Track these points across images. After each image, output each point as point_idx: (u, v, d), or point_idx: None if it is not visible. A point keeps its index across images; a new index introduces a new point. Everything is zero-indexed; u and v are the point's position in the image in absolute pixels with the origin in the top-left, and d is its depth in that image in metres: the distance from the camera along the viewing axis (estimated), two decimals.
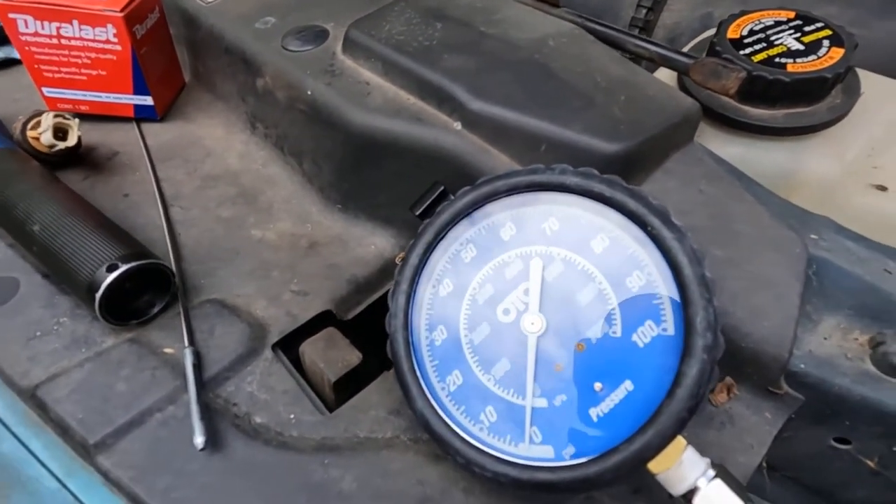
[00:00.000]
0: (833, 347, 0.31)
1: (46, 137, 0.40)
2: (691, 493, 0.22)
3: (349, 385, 0.31)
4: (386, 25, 0.38)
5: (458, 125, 0.33)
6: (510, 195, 0.27)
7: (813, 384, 0.30)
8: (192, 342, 0.31)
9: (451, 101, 0.33)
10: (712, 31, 0.48)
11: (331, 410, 0.30)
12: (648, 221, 0.24)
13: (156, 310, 0.33)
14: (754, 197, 0.35)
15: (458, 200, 0.28)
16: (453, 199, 0.28)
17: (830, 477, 0.34)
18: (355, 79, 0.37)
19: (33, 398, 0.29)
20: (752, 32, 0.40)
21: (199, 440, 0.26)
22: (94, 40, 0.43)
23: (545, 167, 0.26)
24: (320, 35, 0.41)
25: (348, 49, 0.39)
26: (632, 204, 0.24)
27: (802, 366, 0.30)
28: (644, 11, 0.57)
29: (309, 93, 0.38)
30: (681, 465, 0.22)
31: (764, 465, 0.30)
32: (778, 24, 0.40)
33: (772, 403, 0.31)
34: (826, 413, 0.31)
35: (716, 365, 0.22)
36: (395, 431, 0.29)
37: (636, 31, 0.58)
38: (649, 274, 0.24)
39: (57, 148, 0.40)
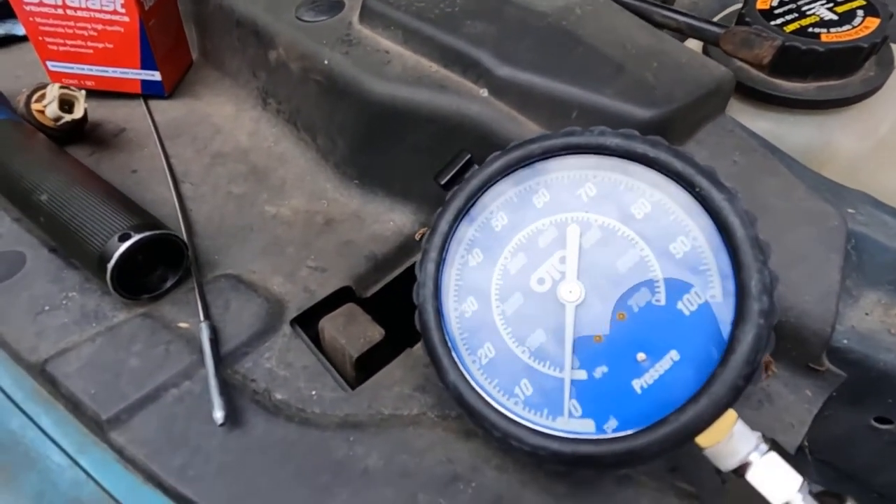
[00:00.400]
0: (875, 323, 0.30)
1: (52, 109, 0.38)
2: (743, 467, 0.21)
3: (371, 362, 0.30)
4: None
5: (484, 92, 0.32)
6: (545, 159, 0.26)
7: (856, 360, 0.29)
8: (207, 316, 0.30)
9: (477, 67, 0.32)
10: (736, 6, 0.47)
11: (352, 387, 0.29)
12: (696, 182, 0.23)
13: (168, 284, 0.32)
14: (789, 170, 0.34)
15: (488, 165, 0.26)
16: (484, 164, 0.27)
17: (865, 459, 0.33)
18: (374, 47, 0.36)
19: (42, 373, 0.28)
20: (782, 3, 0.38)
21: (219, 415, 0.25)
22: (100, 10, 0.41)
23: (582, 129, 0.25)
24: (336, 5, 0.40)
25: (366, 18, 0.37)
26: (678, 164, 0.23)
27: (845, 341, 0.29)
28: None
29: (325, 62, 0.36)
30: (732, 438, 0.21)
31: (805, 443, 0.29)
32: None
33: (812, 381, 0.30)
34: (867, 391, 0.29)
35: (772, 331, 0.21)
36: (421, 408, 0.28)
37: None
38: (695, 239, 0.23)
39: (63, 121, 0.39)
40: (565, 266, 0.25)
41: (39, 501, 0.24)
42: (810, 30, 0.36)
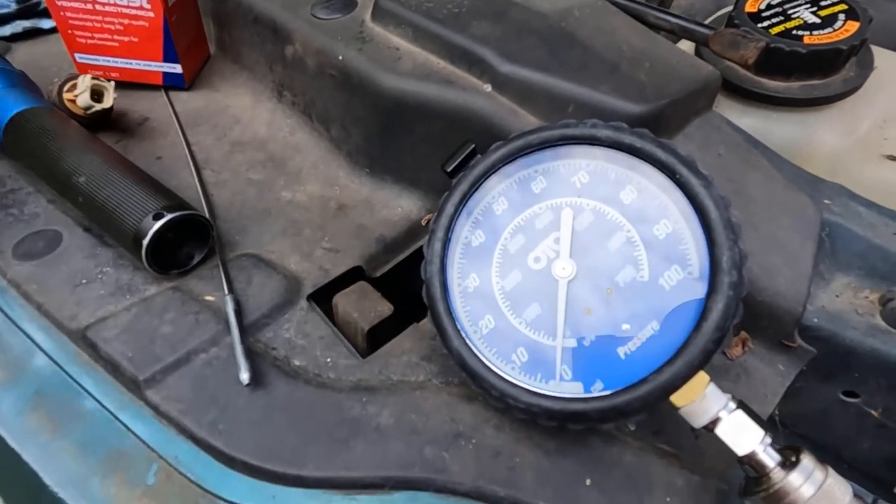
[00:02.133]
0: (844, 304, 0.32)
1: (83, 99, 0.41)
2: (713, 423, 0.24)
3: (381, 334, 0.32)
4: None
5: (488, 87, 0.34)
6: (542, 149, 0.28)
7: (825, 337, 0.31)
8: (231, 290, 0.33)
9: (482, 64, 0.34)
10: (728, 9, 0.49)
11: (364, 357, 0.32)
12: (677, 170, 0.25)
13: (195, 260, 0.34)
14: (770, 163, 0.36)
15: (491, 154, 0.29)
16: (487, 153, 0.29)
17: (837, 431, 0.36)
18: (385, 45, 0.39)
19: (83, 339, 0.30)
20: (769, 6, 0.41)
21: (245, 376, 0.28)
22: (127, 6, 0.44)
23: (576, 122, 0.28)
24: (349, 4, 0.42)
25: (378, 16, 0.40)
26: (661, 154, 0.26)
27: (815, 320, 0.31)
28: None
29: (340, 58, 0.39)
30: (704, 398, 0.24)
31: (776, 413, 0.31)
32: None
33: (785, 357, 0.32)
34: (836, 366, 0.32)
35: (740, 303, 0.23)
36: (426, 376, 0.30)
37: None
38: (676, 221, 0.26)
39: (93, 109, 0.41)
40: (559, 246, 0.27)
41: (85, 450, 0.27)
42: (794, 32, 0.39)
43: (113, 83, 0.43)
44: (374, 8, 0.40)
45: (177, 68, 0.48)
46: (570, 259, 0.27)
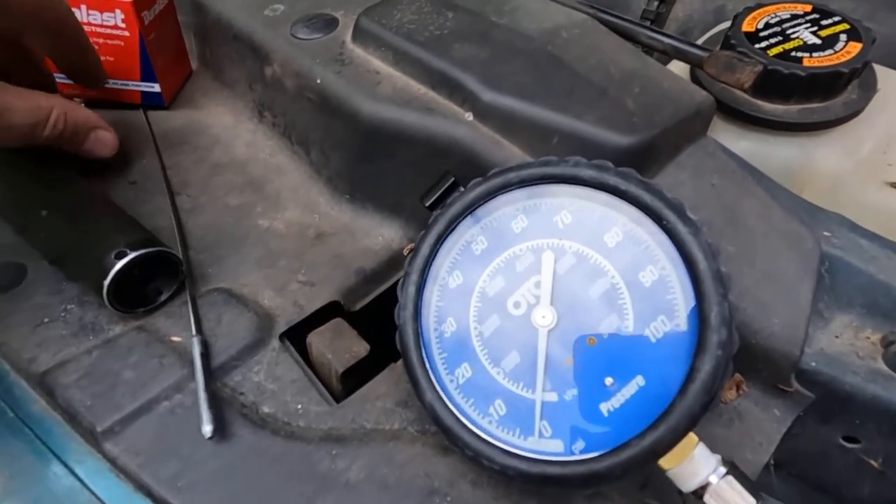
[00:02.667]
0: (844, 346, 0.31)
1: None
2: (702, 488, 0.22)
3: (357, 376, 0.31)
4: (397, 14, 0.37)
5: (469, 116, 0.33)
6: (522, 187, 0.27)
7: (824, 382, 0.30)
8: (199, 331, 0.31)
9: (463, 91, 0.33)
10: (726, 25, 0.48)
11: (338, 401, 0.30)
12: (664, 215, 0.24)
13: (163, 297, 0.33)
14: (767, 192, 0.34)
15: (469, 192, 0.27)
16: (464, 191, 0.28)
17: (836, 475, 0.34)
18: (365, 68, 0.37)
19: (41, 384, 0.29)
20: (767, 26, 0.39)
21: (208, 428, 0.26)
22: (101, 25, 0.42)
23: (558, 159, 0.26)
24: (330, 23, 0.41)
25: (358, 38, 0.38)
26: (647, 197, 0.24)
27: (814, 364, 0.30)
28: (656, 4, 0.56)
29: (318, 81, 0.37)
30: (692, 460, 0.22)
31: (771, 462, 0.30)
32: (794, 17, 0.39)
33: (781, 401, 0.31)
34: (835, 411, 0.30)
35: (730, 361, 0.22)
36: (402, 423, 0.29)
37: (648, 24, 0.57)
38: (663, 269, 0.24)
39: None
40: (540, 291, 0.26)
41: None
42: (793, 54, 0.37)
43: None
44: (355, 29, 0.38)
45: (155, 87, 0.46)
46: (551, 307, 0.25)
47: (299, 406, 0.29)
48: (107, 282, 0.29)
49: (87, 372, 0.29)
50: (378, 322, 0.34)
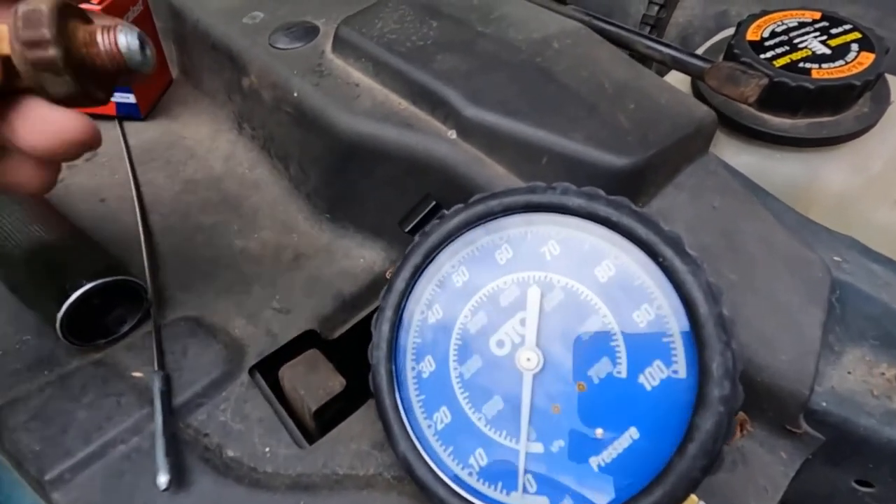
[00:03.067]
0: (857, 383, 0.28)
1: None
2: None
3: (331, 413, 0.29)
4: (378, 23, 0.35)
5: (452, 133, 0.30)
6: (506, 216, 0.24)
7: (835, 424, 0.27)
8: (161, 366, 0.29)
9: (445, 106, 0.31)
10: (729, 32, 0.45)
11: (310, 440, 0.28)
12: (660, 251, 0.21)
13: (126, 327, 0.31)
14: (772, 213, 0.32)
15: (448, 220, 0.25)
16: (443, 219, 0.25)
17: None
18: (344, 80, 0.35)
19: None
20: (773, 34, 0.37)
21: (163, 480, 0.24)
22: None
23: (545, 186, 0.24)
24: (310, 32, 0.39)
25: (338, 48, 0.36)
26: (641, 231, 0.22)
27: (824, 404, 0.27)
28: (656, 9, 0.54)
29: (295, 94, 0.35)
30: None
31: None
32: (802, 25, 0.37)
33: (789, 442, 0.28)
34: (848, 454, 0.28)
35: (733, 418, 0.20)
36: (377, 468, 0.27)
37: (647, 29, 0.55)
38: (659, 308, 0.22)
39: None
40: (525, 329, 0.24)
41: None
42: (801, 65, 0.35)
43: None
44: (334, 38, 0.36)
45: (130, 98, 0.44)
46: (537, 348, 0.23)
47: (267, 449, 0.27)
48: (60, 314, 0.27)
49: (37, 412, 0.27)
50: (357, 351, 0.32)
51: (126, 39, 0.21)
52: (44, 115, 0.20)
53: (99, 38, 0.21)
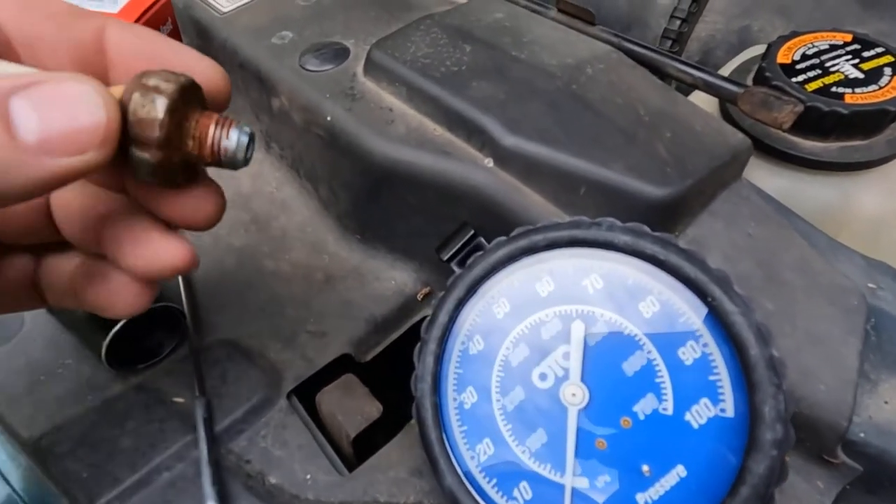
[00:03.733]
0: (894, 413, 0.28)
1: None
2: None
3: (369, 440, 0.29)
4: (411, 46, 0.35)
5: (489, 162, 0.31)
6: (549, 250, 0.25)
7: (873, 455, 0.27)
8: (203, 391, 0.29)
9: (482, 134, 0.31)
10: (755, 50, 0.45)
11: (349, 465, 0.29)
12: (709, 291, 0.21)
13: (165, 352, 0.31)
14: (806, 240, 0.32)
15: (491, 253, 0.25)
16: (486, 251, 0.26)
17: None
18: (377, 104, 0.35)
19: (36, 453, 0.27)
20: (804, 57, 0.37)
21: None
22: None
23: (589, 221, 0.24)
24: (340, 53, 0.39)
25: (370, 71, 0.36)
26: (689, 270, 0.22)
27: (862, 435, 0.27)
28: (678, 23, 0.54)
29: (328, 118, 0.35)
30: None
31: None
32: (833, 48, 0.37)
33: (825, 471, 0.28)
34: (884, 484, 0.28)
35: (785, 463, 0.20)
36: (417, 496, 0.27)
37: (668, 43, 0.55)
38: (705, 345, 0.22)
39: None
40: (569, 363, 0.24)
41: None
42: (833, 89, 0.34)
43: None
44: (367, 62, 0.36)
45: None
46: (581, 383, 0.23)
47: (308, 476, 0.28)
48: (105, 343, 0.28)
49: (82, 439, 0.27)
50: (390, 373, 0.32)
51: (237, 139, 0.19)
52: (156, 243, 0.19)
53: (211, 132, 0.18)
